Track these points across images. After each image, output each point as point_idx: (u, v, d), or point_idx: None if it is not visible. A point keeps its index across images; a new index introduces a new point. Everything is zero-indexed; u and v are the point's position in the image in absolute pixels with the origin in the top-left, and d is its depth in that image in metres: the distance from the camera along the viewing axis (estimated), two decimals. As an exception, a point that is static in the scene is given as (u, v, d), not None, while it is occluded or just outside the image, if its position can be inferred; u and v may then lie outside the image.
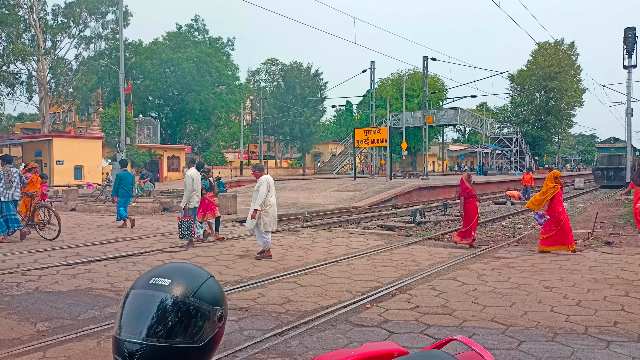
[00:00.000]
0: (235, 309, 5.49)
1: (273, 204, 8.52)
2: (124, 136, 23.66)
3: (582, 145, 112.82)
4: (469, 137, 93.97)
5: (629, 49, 29.09)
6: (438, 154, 76.54)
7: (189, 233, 9.27)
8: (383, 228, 14.41)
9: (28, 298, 5.97)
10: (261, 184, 8.40)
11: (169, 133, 51.54)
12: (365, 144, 36.51)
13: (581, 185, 38.53)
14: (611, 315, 5.31)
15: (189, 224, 9.23)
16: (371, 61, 36.64)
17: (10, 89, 39.53)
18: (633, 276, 7.16)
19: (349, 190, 25.35)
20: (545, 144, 65.48)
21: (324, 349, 4.44)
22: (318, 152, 60.80)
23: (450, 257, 8.84)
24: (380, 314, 5.44)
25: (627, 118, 29.87)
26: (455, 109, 51.74)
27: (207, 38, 53.09)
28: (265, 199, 8.38)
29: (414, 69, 57.42)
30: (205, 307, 1.06)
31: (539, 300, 5.95)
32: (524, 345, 4.47)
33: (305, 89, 51.67)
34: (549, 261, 8.44)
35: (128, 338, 1.01)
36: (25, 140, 36.13)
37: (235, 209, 16.05)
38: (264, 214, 8.38)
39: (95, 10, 41.03)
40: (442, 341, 1.43)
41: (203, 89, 47.46)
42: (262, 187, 8.39)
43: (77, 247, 9.37)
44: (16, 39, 37.13)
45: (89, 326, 4.91)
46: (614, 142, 39.38)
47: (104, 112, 38.13)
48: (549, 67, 60.95)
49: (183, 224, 9.24)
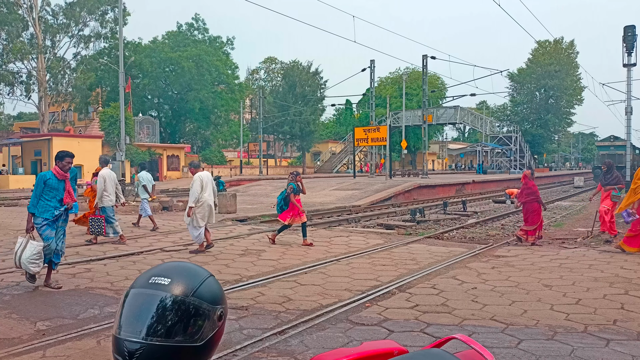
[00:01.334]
0: (235, 307, 5.49)
1: (205, 201, 8.87)
2: (124, 135, 23.66)
3: (582, 144, 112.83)
4: (468, 136, 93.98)
5: (628, 47, 29.05)
6: (438, 152, 76.56)
7: (99, 231, 9.62)
8: (383, 227, 14.42)
9: (28, 297, 5.98)
10: (194, 181, 8.88)
11: (168, 132, 51.52)
12: (365, 142, 36.51)
13: (581, 183, 38.56)
14: (611, 314, 5.32)
15: (99, 222, 9.58)
16: (371, 60, 36.54)
17: (10, 88, 39.50)
18: (632, 275, 7.17)
19: (348, 189, 25.36)
20: (545, 142, 65.56)
21: (324, 347, 4.44)
22: (318, 150, 60.79)
23: (450, 256, 8.84)
24: (380, 313, 5.44)
25: (626, 116, 29.84)
26: (455, 107, 51.72)
27: (207, 37, 53.08)
28: (198, 195, 8.79)
29: (414, 68, 57.43)
30: (205, 306, 1.06)
31: (538, 298, 5.96)
32: (524, 344, 4.47)
33: (305, 87, 51.60)
34: (548, 260, 8.45)
35: (128, 337, 1.01)
36: (24, 140, 36.11)
37: (234, 208, 16.06)
38: (196, 209, 8.77)
39: (95, 10, 40.98)
40: (442, 340, 1.43)
41: (202, 88, 47.44)
42: (195, 184, 8.86)
43: (76, 246, 9.36)
44: (15, 37, 37.09)
45: (89, 325, 4.91)
46: (614, 140, 39.39)
47: (104, 111, 38.11)
48: (549, 65, 60.99)
49: (93, 222, 9.65)
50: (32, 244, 6.12)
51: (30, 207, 6.31)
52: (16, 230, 11.29)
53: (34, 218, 6.28)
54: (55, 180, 6.38)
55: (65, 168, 6.42)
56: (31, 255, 6.04)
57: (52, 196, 6.33)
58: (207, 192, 8.93)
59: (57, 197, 6.37)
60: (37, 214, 6.27)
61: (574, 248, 9.97)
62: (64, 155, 6.46)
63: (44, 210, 6.28)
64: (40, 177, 6.41)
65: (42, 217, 6.26)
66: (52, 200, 6.33)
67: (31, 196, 6.36)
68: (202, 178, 8.92)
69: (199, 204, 8.82)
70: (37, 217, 6.26)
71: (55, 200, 6.35)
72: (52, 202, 6.32)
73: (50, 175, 6.39)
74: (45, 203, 6.29)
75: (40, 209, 6.28)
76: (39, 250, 6.11)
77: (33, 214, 6.29)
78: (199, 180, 8.86)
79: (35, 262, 6.09)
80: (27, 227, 6.34)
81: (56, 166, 6.44)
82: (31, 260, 6.05)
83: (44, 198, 6.30)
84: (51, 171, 6.46)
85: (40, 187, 6.29)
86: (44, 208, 6.28)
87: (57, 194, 6.37)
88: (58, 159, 6.47)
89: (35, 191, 6.31)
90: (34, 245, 6.11)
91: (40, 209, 6.28)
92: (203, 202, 8.85)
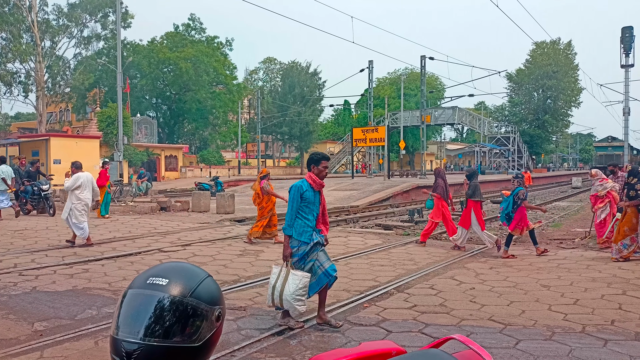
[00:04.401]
0: (233, 308, 5.49)
1: (82, 200, 9.37)
2: (122, 135, 23.65)
3: (580, 145, 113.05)
4: (466, 137, 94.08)
5: (626, 48, 29.16)
6: (436, 153, 76.61)
7: None
8: (381, 227, 14.43)
9: (25, 298, 5.95)
10: (72, 179, 9.47)
11: (166, 132, 51.48)
12: (363, 143, 36.56)
13: (578, 184, 38.64)
14: (609, 314, 5.33)
15: None
16: (369, 60, 36.71)
17: (8, 88, 39.44)
18: (630, 275, 7.18)
19: (346, 190, 25.36)
20: (543, 143, 65.65)
21: (322, 348, 4.44)
22: (316, 151, 60.78)
23: (448, 257, 8.85)
24: (378, 313, 5.44)
25: (624, 117, 29.95)
26: (453, 108, 51.82)
27: (204, 37, 53.05)
28: (76, 193, 9.33)
29: (412, 68, 57.51)
30: (202, 307, 1.06)
31: (536, 299, 5.96)
32: (522, 344, 4.47)
33: (304, 88, 51.63)
34: (546, 260, 8.46)
35: (126, 338, 1.01)
36: (22, 140, 36.01)
37: (233, 208, 16.04)
38: (74, 207, 9.29)
39: (96, 12, 40.95)
40: (440, 340, 1.44)
41: (200, 89, 47.43)
42: (67, 183, 9.52)
43: (74, 246, 9.35)
44: (15, 39, 37.03)
45: (87, 326, 4.90)
46: (612, 141, 39.56)
47: (102, 112, 38.04)
48: (547, 66, 61.11)
49: None
50: (296, 274, 4.85)
51: (286, 227, 4.99)
52: (14, 231, 11.27)
53: (290, 241, 4.98)
54: (312, 192, 5.04)
55: (322, 174, 5.10)
56: (296, 290, 4.77)
57: (308, 212, 5.03)
58: (86, 192, 9.46)
59: (315, 212, 5.08)
60: (294, 236, 4.97)
61: (572, 248, 10.00)
62: (320, 158, 5.11)
63: (302, 231, 4.97)
64: (296, 188, 4.99)
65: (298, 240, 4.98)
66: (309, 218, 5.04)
67: (286, 214, 5.04)
68: (81, 178, 9.41)
69: (77, 201, 9.31)
70: (294, 239, 4.97)
71: (312, 216, 5.06)
72: (310, 219, 5.04)
73: (307, 187, 5.01)
74: (303, 222, 4.99)
75: (298, 230, 4.97)
76: (305, 283, 4.83)
77: (290, 236, 4.98)
78: (72, 180, 9.37)
79: (302, 299, 4.81)
80: (284, 253, 4.98)
81: (311, 173, 5.07)
82: (296, 296, 4.77)
83: (301, 215, 5.00)
84: (306, 180, 5.07)
85: (297, 202, 4.97)
86: (302, 229, 4.97)
87: (315, 209, 5.07)
88: (313, 163, 5.09)
89: (292, 206, 4.98)
90: (299, 277, 4.83)
91: (298, 230, 4.97)
92: (80, 200, 9.35)
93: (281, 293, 4.79)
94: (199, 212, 16.26)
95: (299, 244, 4.95)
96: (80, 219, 9.28)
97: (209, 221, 13.81)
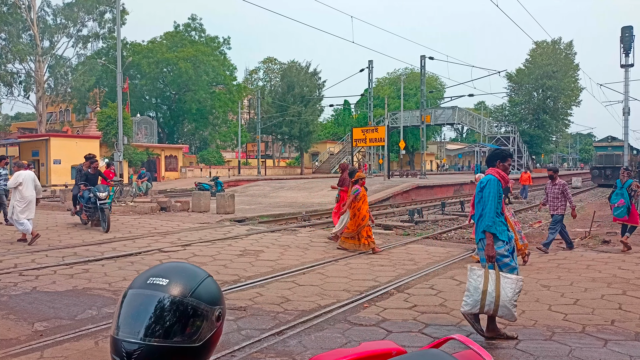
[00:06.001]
0: (233, 308, 5.49)
1: (24, 197, 9.57)
2: (122, 136, 23.62)
3: (580, 144, 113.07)
4: (466, 136, 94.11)
5: (626, 48, 29.15)
6: (436, 153, 76.64)
7: None
8: (381, 227, 14.42)
9: (25, 298, 5.95)
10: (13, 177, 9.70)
11: (166, 132, 51.48)
12: (363, 143, 36.53)
13: (579, 184, 38.66)
14: (609, 314, 5.33)
15: None
16: (369, 60, 36.72)
17: (8, 89, 39.43)
18: (630, 275, 7.18)
19: (346, 190, 25.30)
20: (543, 142, 65.65)
21: (322, 348, 4.44)
22: (316, 151, 60.79)
23: (448, 256, 8.85)
24: (378, 313, 5.44)
25: (624, 117, 29.94)
26: (453, 108, 51.81)
27: (204, 37, 53.05)
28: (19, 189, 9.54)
29: (412, 68, 57.51)
30: (203, 307, 1.06)
31: (536, 299, 5.96)
32: (522, 344, 4.47)
33: (304, 88, 51.58)
34: (546, 260, 8.46)
35: (126, 338, 1.01)
36: (22, 140, 36.02)
37: (233, 208, 16.04)
38: (16, 204, 9.55)
39: (93, 10, 40.93)
40: (440, 340, 1.44)
41: (200, 89, 47.43)
42: (9, 182, 9.88)
43: (74, 246, 9.35)
44: (15, 38, 37.02)
45: (87, 326, 4.90)
46: (611, 141, 39.48)
47: (101, 112, 38.03)
48: (547, 66, 61.10)
49: None
50: (507, 278, 4.40)
51: (491, 225, 4.51)
52: (14, 231, 11.26)
53: (495, 240, 4.53)
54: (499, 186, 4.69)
55: (507, 171, 4.80)
56: (514, 296, 4.38)
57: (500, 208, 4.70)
58: (28, 190, 9.70)
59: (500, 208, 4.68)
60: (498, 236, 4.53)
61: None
62: (507, 154, 4.81)
63: (502, 230, 4.57)
64: (496, 182, 4.62)
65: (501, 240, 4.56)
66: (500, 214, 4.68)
67: (485, 210, 4.56)
68: (22, 175, 9.67)
69: (19, 199, 9.56)
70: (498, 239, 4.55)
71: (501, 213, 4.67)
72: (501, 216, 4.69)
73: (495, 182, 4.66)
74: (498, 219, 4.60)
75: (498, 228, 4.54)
76: (520, 287, 4.44)
77: (494, 235, 4.52)
78: (14, 179, 9.64)
79: (516, 304, 4.46)
80: (489, 254, 4.49)
81: (497, 169, 4.75)
82: (514, 302, 4.40)
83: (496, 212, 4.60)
84: (494, 176, 4.68)
85: (498, 197, 4.56)
86: (500, 227, 4.57)
87: (500, 205, 4.69)
88: (499, 159, 4.77)
89: (493, 201, 4.55)
90: (513, 281, 4.38)
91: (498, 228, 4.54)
92: (23, 198, 9.59)
93: (496, 299, 4.36)
94: (199, 212, 16.26)
95: (503, 243, 4.58)
96: (19, 216, 9.50)
97: (209, 221, 13.80)
